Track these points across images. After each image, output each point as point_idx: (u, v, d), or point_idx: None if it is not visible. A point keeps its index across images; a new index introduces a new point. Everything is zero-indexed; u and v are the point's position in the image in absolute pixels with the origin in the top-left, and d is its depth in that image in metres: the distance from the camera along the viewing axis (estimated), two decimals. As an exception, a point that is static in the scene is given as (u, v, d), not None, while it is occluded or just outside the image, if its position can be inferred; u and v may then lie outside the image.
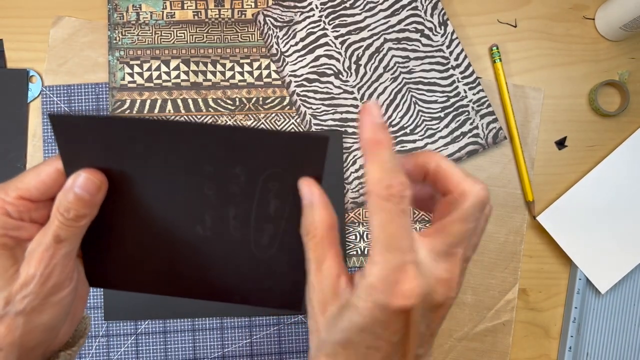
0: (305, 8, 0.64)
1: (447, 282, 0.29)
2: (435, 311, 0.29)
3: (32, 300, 0.31)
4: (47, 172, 0.32)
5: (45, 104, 0.63)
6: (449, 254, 0.29)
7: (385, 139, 0.28)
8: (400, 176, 0.28)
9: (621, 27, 0.62)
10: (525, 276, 0.64)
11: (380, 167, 0.28)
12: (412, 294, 0.27)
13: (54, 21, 0.63)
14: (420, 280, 0.27)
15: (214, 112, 0.63)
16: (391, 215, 0.27)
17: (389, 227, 0.27)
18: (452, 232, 0.29)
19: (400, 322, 0.28)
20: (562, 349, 0.64)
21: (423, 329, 0.29)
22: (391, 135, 0.30)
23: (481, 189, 0.29)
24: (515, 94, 0.65)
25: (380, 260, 0.28)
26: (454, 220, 0.29)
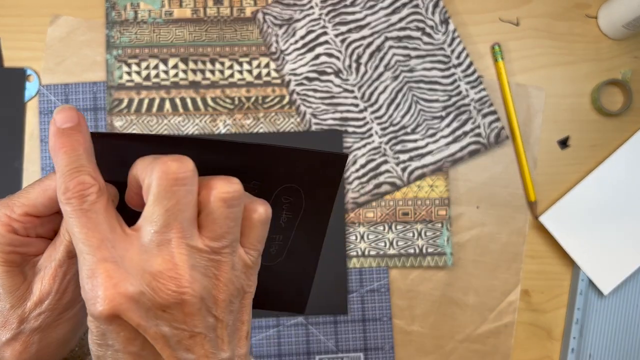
0: (305, 6, 0.63)
1: (167, 274, 0.26)
2: (172, 310, 0.26)
3: (48, 317, 0.30)
4: (54, 187, 0.30)
5: (42, 103, 0.62)
6: (159, 243, 0.26)
7: (65, 143, 0.27)
8: (77, 177, 0.27)
9: (624, 25, 0.62)
10: (527, 277, 0.64)
11: (60, 174, 0.27)
12: (110, 295, 0.25)
13: (52, 20, 0.63)
14: (119, 279, 0.25)
15: (212, 111, 0.63)
16: (74, 219, 0.26)
17: (75, 230, 0.26)
18: (151, 217, 0.27)
19: (124, 330, 0.26)
20: (564, 350, 0.64)
21: (168, 332, 0.27)
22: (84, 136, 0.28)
23: (165, 162, 0.27)
24: (517, 93, 0.64)
25: (80, 269, 0.26)
26: (149, 204, 0.27)
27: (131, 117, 0.62)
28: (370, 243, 0.62)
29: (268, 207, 0.30)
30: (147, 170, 0.27)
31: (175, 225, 0.27)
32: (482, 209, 0.64)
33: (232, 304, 0.29)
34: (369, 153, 0.63)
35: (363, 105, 0.63)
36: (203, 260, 0.27)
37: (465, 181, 0.64)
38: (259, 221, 0.29)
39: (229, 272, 0.28)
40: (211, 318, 0.28)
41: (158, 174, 0.27)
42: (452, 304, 0.63)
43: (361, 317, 0.62)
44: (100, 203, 0.27)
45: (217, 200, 0.27)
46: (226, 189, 0.28)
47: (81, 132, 0.28)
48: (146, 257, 0.26)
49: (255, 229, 0.30)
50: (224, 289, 0.28)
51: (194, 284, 0.26)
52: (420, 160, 0.63)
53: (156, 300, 0.26)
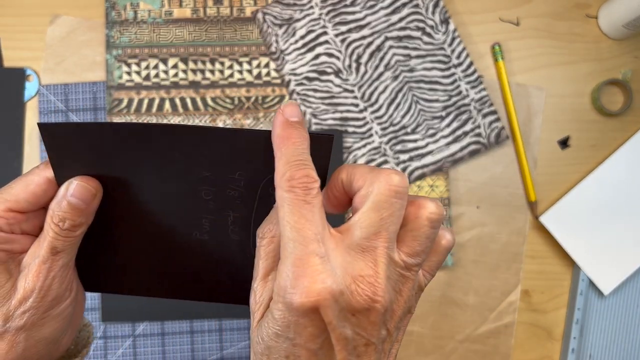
0: (305, 6, 0.63)
1: (366, 280, 0.27)
2: (360, 315, 0.27)
3: (33, 315, 0.30)
4: (37, 182, 0.31)
5: (42, 103, 0.62)
6: (365, 248, 0.27)
7: (293, 135, 0.28)
8: (304, 169, 0.27)
9: (624, 25, 0.62)
10: (527, 277, 0.64)
11: (285, 161, 0.28)
12: (316, 288, 0.25)
13: (51, 20, 0.63)
14: (326, 275, 0.26)
15: (212, 111, 0.63)
16: (293, 207, 0.27)
17: (291, 218, 0.27)
18: (364, 223, 0.27)
19: (313, 325, 0.26)
20: (564, 350, 0.63)
21: (350, 335, 0.27)
22: (307, 133, 0.29)
23: (389, 174, 0.28)
24: (517, 93, 0.64)
25: (285, 256, 0.26)
26: (365, 210, 0.27)
27: (131, 117, 0.62)
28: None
29: (454, 237, 0.31)
30: (368, 178, 0.28)
31: (384, 234, 0.27)
32: (482, 209, 0.64)
33: (402, 321, 0.29)
34: (369, 153, 0.63)
35: (363, 105, 0.63)
36: (395, 273, 0.28)
37: (466, 181, 0.64)
38: (446, 248, 0.30)
39: (410, 290, 0.29)
40: (384, 330, 0.28)
41: (382, 184, 0.27)
42: (452, 304, 0.63)
43: (361, 317, 0.62)
44: (319, 199, 0.27)
45: (425, 220, 0.28)
46: (435, 210, 0.28)
47: (305, 129, 0.29)
48: (350, 259, 0.27)
49: (440, 255, 0.30)
50: (402, 306, 0.29)
51: (385, 295, 0.27)
52: (420, 160, 0.63)
53: (351, 303, 0.26)
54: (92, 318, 0.61)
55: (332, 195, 0.30)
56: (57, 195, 0.31)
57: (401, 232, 0.28)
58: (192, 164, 0.31)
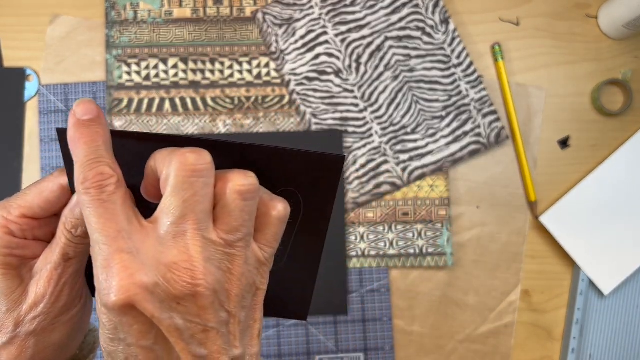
0: (305, 6, 0.63)
1: (181, 266, 0.26)
2: (186, 303, 0.26)
3: (43, 321, 0.30)
4: (51, 189, 0.31)
5: (42, 103, 0.62)
6: (175, 234, 0.26)
7: (84, 134, 0.27)
8: (96, 167, 0.27)
9: (624, 25, 0.62)
10: (527, 277, 0.64)
11: (79, 164, 0.27)
12: (124, 285, 0.25)
13: (51, 19, 0.63)
14: (135, 269, 0.25)
15: (212, 111, 0.63)
16: (92, 209, 0.26)
17: (92, 220, 0.26)
18: (168, 209, 0.26)
19: (138, 322, 0.26)
20: (564, 350, 0.63)
21: (182, 325, 0.26)
22: (103, 128, 0.28)
23: (183, 153, 0.27)
24: (517, 93, 0.64)
25: (95, 259, 0.26)
26: (167, 196, 0.27)
27: (131, 117, 0.62)
28: (370, 243, 0.62)
29: (287, 206, 0.30)
30: (166, 162, 0.27)
31: (191, 216, 0.26)
32: (482, 209, 0.63)
33: (245, 300, 0.29)
34: (369, 153, 0.63)
35: (363, 105, 0.63)
36: (217, 253, 0.27)
37: (466, 181, 0.64)
38: (277, 218, 0.29)
39: (242, 266, 0.28)
40: (224, 313, 0.27)
41: (176, 165, 0.27)
42: (452, 304, 0.63)
43: (361, 317, 0.62)
44: (118, 194, 0.27)
45: (233, 193, 0.27)
46: (242, 181, 0.27)
47: (101, 124, 0.28)
48: (162, 248, 0.26)
49: (272, 226, 0.29)
50: (237, 283, 0.28)
51: (208, 277, 0.26)
52: (420, 160, 0.63)
53: (170, 292, 0.26)
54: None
55: (149, 184, 0.29)
56: (71, 202, 0.30)
57: (216, 210, 0.28)
58: None
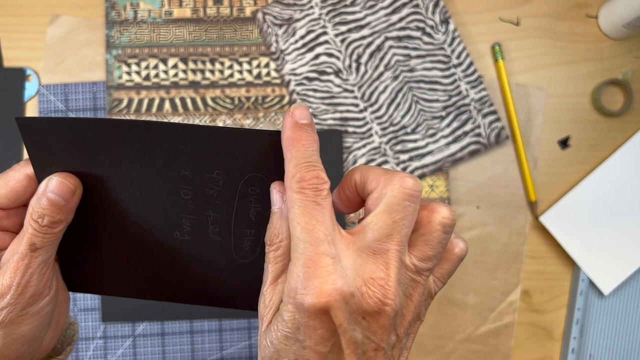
0: (305, 6, 0.63)
1: (377, 282, 0.26)
2: (370, 319, 0.26)
3: (10, 312, 0.30)
4: (17, 178, 0.31)
5: (42, 103, 0.62)
6: (376, 251, 0.27)
7: (303, 137, 0.28)
8: (314, 170, 0.27)
9: (624, 25, 0.62)
10: (527, 277, 0.64)
11: (295, 163, 0.27)
12: (327, 289, 0.25)
13: (51, 19, 0.63)
14: (337, 276, 0.25)
15: (212, 111, 0.63)
16: (304, 208, 0.27)
17: (302, 219, 0.26)
18: (376, 225, 0.27)
19: (323, 328, 0.26)
20: (565, 350, 0.63)
21: (360, 339, 0.26)
22: (316, 135, 0.29)
23: (403, 177, 0.27)
24: (517, 93, 0.64)
25: (296, 257, 0.26)
26: (377, 213, 0.27)
27: (131, 117, 0.62)
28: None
29: (466, 246, 0.31)
30: (382, 180, 0.28)
31: (396, 237, 0.27)
32: (482, 209, 0.63)
33: (411, 327, 0.29)
34: (369, 153, 0.63)
35: (363, 105, 0.63)
36: (406, 278, 0.28)
37: (466, 181, 0.64)
38: (459, 257, 0.30)
39: (420, 296, 0.28)
40: (394, 336, 0.28)
41: (396, 187, 0.27)
42: (452, 304, 0.63)
43: (361, 318, 0.62)
44: (329, 200, 0.27)
45: (438, 224, 0.28)
46: (448, 215, 0.28)
47: (314, 131, 0.29)
48: (360, 261, 0.27)
49: (452, 263, 0.30)
50: (412, 311, 0.28)
51: (396, 299, 0.27)
52: (420, 160, 0.63)
53: (362, 305, 0.26)
54: (92, 318, 0.61)
55: (345, 195, 0.30)
56: (37, 191, 0.30)
57: (413, 236, 0.28)
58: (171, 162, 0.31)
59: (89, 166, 0.31)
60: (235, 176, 0.31)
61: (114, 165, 0.31)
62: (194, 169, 0.31)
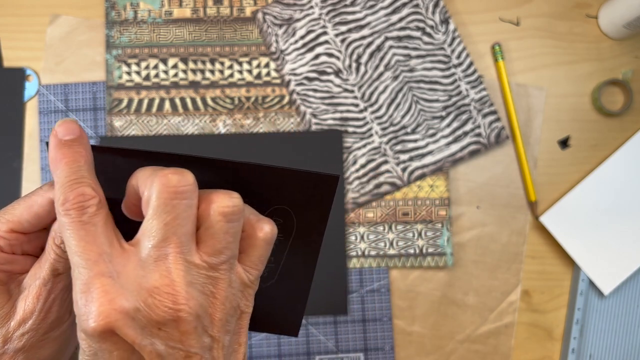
0: (305, 6, 0.63)
1: (163, 290, 0.25)
2: (167, 328, 0.25)
3: (32, 337, 0.30)
4: (40, 203, 0.30)
5: (42, 103, 0.62)
6: (156, 258, 0.26)
7: (66, 154, 0.27)
8: (77, 188, 0.26)
9: (624, 25, 0.62)
10: (527, 277, 0.64)
11: (60, 185, 0.26)
12: (104, 311, 0.24)
13: (51, 19, 0.62)
14: (115, 294, 0.24)
15: (212, 111, 0.63)
16: (72, 231, 0.25)
17: (72, 243, 0.25)
18: (150, 232, 0.26)
19: (119, 349, 0.25)
20: (565, 350, 0.63)
21: (163, 351, 0.26)
22: (85, 149, 0.28)
23: (166, 174, 0.26)
24: (517, 93, 0.64)
25: (75, 284, 0.25)
26: (148, 218, 0.26)
27: (131, 117, 0.62)
28: (370, 243, 0.62)
29: (274, 227, 0.29)
30: (147, 182, 0.27)
31: (173, 239, 0.26)
32: (482, 209, 0.63)
33: (229, 324, 0.28)
34: (369, 153, 0.63)
35: (363, 105, 0.63)
36: (200, 276, 0.27)
37: (466, 181, 0.64)
38: (264, 240, 0.29)
39: (226, 290, 0.27)
40: (207, 338, 0.27)
41: (158, 187, 0.26)
42: (452, 305, 0.63)
43: (361, 318, 0.62)
44: (100, 216, 0.26)
45: (217, 215, 0.27)
46: (226, 203, 0.27)
47: (82, 144, 0.28)
48: (143, 272, 0.26)
49: (259, 248, 0.29)
50: (220, 307, 0.27)
51: (190, 301, 0.26)
52: (420, 160, 0.63)
53: (152, 317, 0.25)
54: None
55: (131, 203, 0.29)
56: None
57: (200, 231, 0.27)
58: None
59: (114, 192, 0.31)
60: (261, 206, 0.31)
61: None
62: None
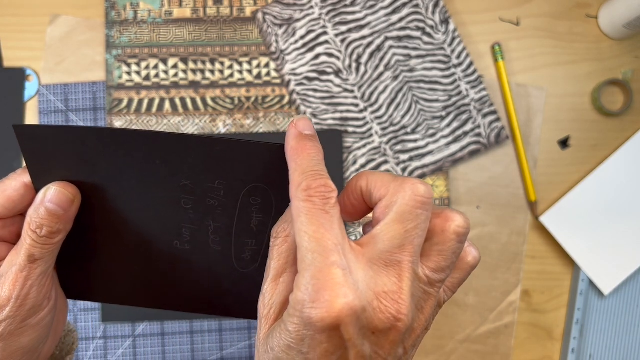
0: (305, 6, 0.63)
1: (390, 297, 0.25)
2: (380, 334, 0.25)
3: (10, 325, 0.29)
4: (14, 187, 0.30)
5: (42, 103, 0.62)
6: (388, 262, 0.25)
7: (307, 146, 0.27)
8: (321, 179, 0.26)
9: (624, 25, 0.62)
10: (527, 277, 0.64)
11: (301, 172, 0.27)
12: (338, 304, 0.24)
13: (51, 19, 0.62)
14: (349, 289, 0.24)
15: (212, 111, 0.63)
16: (312, 217, 0.25)
17: (309, 228, 0.25)
18: (387, 236, 0.26)
19: (330, 342, 0.25)
20: (565, 350, 0.63)
21: (368, 354, 0.25)
22: (321, 146, 0.28)
23: (414, 183, 0.26)
24: (517, 93, 0.64)
25: (304, 268, 0.25)
26: (388, 222, 0.26)
27: (131, 117, 0.62)
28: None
29: (479, 254, 0.29)
30: (391, 187, 0.26)
31: (409, 248, 0.26)
32: (482, 209, 0.63)
33: (418, 340, 0.28)
34: (369, 153, 0.63)
35: (363, 105, 0.63)
36: (419, 290, 0.26)
37: (466, 181, 0.64)
38: (471, 266, 0.29)
39: (431, 308, 0.27)
40: (401, 349, 0.27)
41: (408, 194, 0.26)
42: (452, 304, 0.63)
43: (361, 318, 0.62)
44: (337, 209, 0.26)
45: (453, 234, 0.27)
46: (463, 223, 0.27)
47: (319, 142, 0.28)
48: (372, 273, 0.25)
49: (463, 272, 0.29)
50: (422, 324, 0.27)
51: (409, 314, 0.25)
52: (420, 160, 0.63)
53: (373, 321, 0.25)
54: (92, 318, 0.61)
55: (350, 203, 0.29)
56: (35, 201, 0.30)
57: (426, 245, 0.27)
58: (171, 171, 0.30)
59: (89, 175, 0.30)
60: (237, 186, 0.30)
61: (114, 175, 0.31)
62: (195, 179, 0.30)
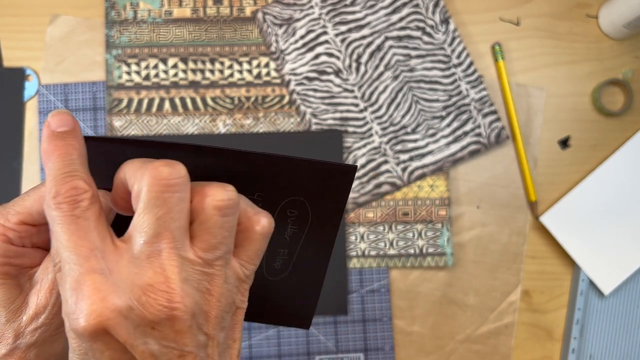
0: (305, 6, 0.63)
1: (157, 288, 0.24)
2: (161, 327, 0.25)
3: (44, 332, 0.29)
4: None
5: (41, 103, 0.62)
6: (149, 254, 0.25)
7: (58, 146, 0.26)
8: (70, 181, 0.25)
9: (624, 25, 0.62)
10: (527, 277, 0.64)
11: (51, 177, 0.26)
12: (96, 309, 0.23)
13: (51, 19, 0.62)
14: (108, 292, 0.24)
15: (212, 111, 0.62)
16: (62, 225, 0.24)
17: (63, 237, 0.24)
18: (142, 227, 0.25)
19: (110, 349, 0.24)
20: (565, 350, 0.63)
21: (157, 350, 0.25)
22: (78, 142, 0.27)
23: (156, 167, 0.25)
24: (517, 93, 0.64)
25: (64, 280, 0.24)
26: (139, 213, 0.25)
27: (131, 117, 0.62)
28: (370, 243, 0.62)
29: (272, 220, 0.28)
30: (137, 175, 0.26)
31: (166, 235, 0.25)
32: (482, 209, 0.63)
33: (224, 321, 0.27)
34: (369, 153, 0.63)
35: (363, 105, 0.63)
36: (195, 273, 0.26)
37: (466, 181, 0.64)
38: (261, 234, 0.28)
39: (222, 286, 0.27)
40: (202, 336, 0.26)
41: (149, 180, 0.25)
42: (452, 305, 0.63)
43: (361, 318, 0.62)
44: (92, 210, 0.25)
45: (211, 208, 0.26)
46: (221, 196, 0.26)
47: (76, 137, 0.27)
48: (136, 269, 0.25)
49: (256, 242, 0.28)
50: (216, 304, 0.26)
51: (185, 299, 0.25)
52: (420, 160, 0.63)
53: (145, 316, 0.24)
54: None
55: (119, 198, 0.28)
56: None
57: (194, 226, 0.26)
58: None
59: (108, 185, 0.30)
60: (275, 198, 0.30)
61: None
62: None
